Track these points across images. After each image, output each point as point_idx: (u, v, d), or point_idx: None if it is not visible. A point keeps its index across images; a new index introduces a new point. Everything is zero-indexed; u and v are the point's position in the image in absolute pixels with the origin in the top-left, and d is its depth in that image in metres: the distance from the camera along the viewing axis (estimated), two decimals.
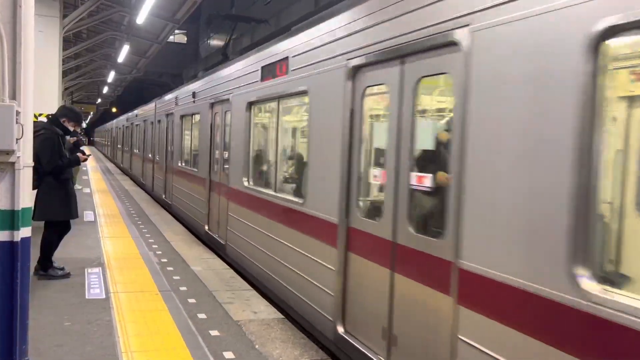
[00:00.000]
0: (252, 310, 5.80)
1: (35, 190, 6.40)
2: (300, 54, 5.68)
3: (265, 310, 5.81)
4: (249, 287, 6.78)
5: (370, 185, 4.50)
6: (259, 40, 23.30)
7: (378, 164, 4.38)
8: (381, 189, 4.21)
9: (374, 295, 4.16)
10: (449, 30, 3.32)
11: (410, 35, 3.70)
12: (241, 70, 7.91)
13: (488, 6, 3.01)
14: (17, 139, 3.30)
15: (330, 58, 4.92)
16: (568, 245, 2.45)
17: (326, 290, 4.87)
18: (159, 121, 15.46)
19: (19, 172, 3.39)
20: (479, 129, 3.05)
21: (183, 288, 6.43)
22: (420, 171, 3.71)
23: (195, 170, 10.56)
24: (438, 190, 3.53)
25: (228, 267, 7.76)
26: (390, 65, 4.00)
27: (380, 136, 4.32)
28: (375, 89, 4.40)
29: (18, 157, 3.36)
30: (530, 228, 2.66)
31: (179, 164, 12.26)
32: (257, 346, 4.78)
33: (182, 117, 12.11)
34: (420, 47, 3.60)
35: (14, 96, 3.34)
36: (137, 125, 21.27)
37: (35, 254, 6.23)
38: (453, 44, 3.29)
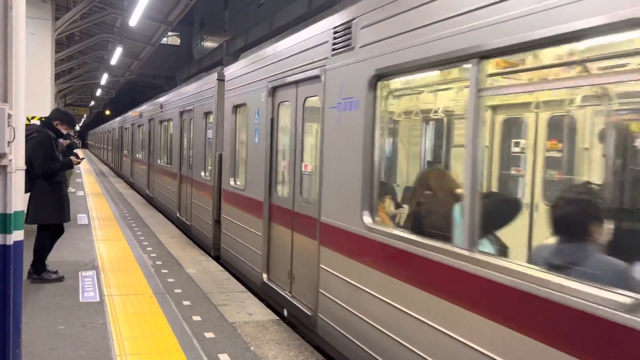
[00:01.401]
0: (246, 312, 5.79)
1: (28, 194, 6.38)
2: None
3: (260, 312, 5.81)
4: (243, 289, 6.77)
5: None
6: (254, 41, 23.27)
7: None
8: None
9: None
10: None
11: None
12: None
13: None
14: (8, 142, 3.28)
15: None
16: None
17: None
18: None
19: (11, 175, 3.36)
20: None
21: (177, 290, 6.41)
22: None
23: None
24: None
25: (222, 269, 7.74)
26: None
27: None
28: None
29: (10, 160, 3.34)
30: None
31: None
32: (252, 348, 4.78)
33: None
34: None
35: (5, 99, 3.31)
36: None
37: (28, 258, 6.21)
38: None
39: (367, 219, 4.19)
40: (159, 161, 14.39)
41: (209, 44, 36.92)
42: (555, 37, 2.62)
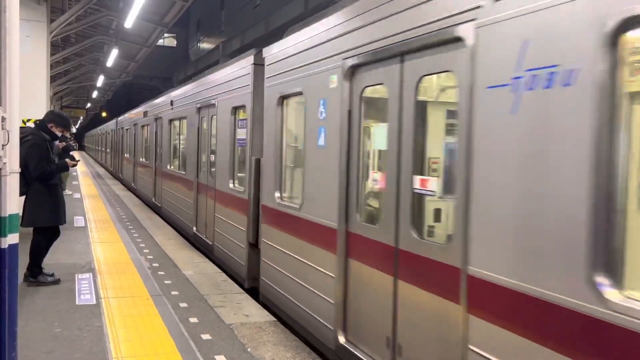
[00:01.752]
0: (243, 313, 5.79)
1: (24, 197, 6.36)
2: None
3: (257, 313, 5.80)
4: (240, 290, 6.76)
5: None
6: (250, 42, 23.27)
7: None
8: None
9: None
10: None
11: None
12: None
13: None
14: (2, 145, 3.27)
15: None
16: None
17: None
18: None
19: (5, 178, 3.36)
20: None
21: (174, 292, 6.40)
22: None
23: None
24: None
25: (219, 270, 7.73)
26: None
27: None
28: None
29: (4, 163, 3.34)
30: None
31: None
32: (249, 349, 4.77)
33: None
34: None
35: None
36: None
37: (24, 261, 6.20)
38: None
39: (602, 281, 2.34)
40: (168, 166, 12.61)
41: (206, 45, 36.89)
42: None
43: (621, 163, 2.35)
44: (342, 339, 4.52)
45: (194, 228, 10.01)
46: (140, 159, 17.33)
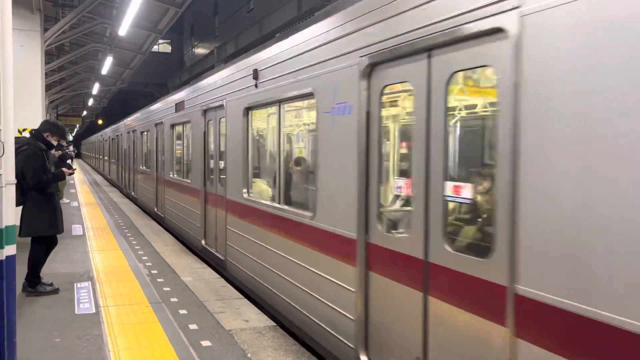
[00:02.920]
0: (243, 319, 5.79)
1: (21, 207, 6.36)
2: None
3: (256, 319, 5.80)
4: (239, 295, 6.76)
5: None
6: (245, 46, 23.29)
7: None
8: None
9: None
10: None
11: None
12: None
13: None
14: None
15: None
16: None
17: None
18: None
19: (1, 190, 3.37)
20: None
21: (174, 299, 6.39)
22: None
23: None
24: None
25: (219, 276, 7.73)
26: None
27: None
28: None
29: (0, 174, 3.34)
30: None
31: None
32: (249, 355, 4.77)
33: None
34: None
35: None
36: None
37: (22, 271, 6.19)
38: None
39: None
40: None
41: (200, 50, 36.92)
42: None
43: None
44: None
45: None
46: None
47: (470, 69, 3.27)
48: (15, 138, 6.58)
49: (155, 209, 13.60)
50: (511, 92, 2.77)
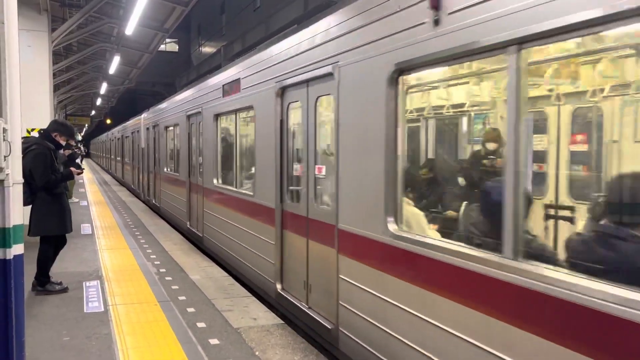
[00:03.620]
0: (251, 316, 5.78)
1: (30, 206, 6.39)
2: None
3: (264, 316, 5.80)
4: (247, 293, 6.76)
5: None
6: (251, 45, 23.29)
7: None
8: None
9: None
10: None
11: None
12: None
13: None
14: (5, 157, 3.28)
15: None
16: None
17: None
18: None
19: (9, 189, 3.37)
20: None
21: (182, 297, 6.41)
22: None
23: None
24: None
25: (226, 274, 7.74)
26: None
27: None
28: None
29: (7, 174, 3.35)
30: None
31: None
32: (257, 353, 4.77)
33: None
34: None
35: (0, 114, 3.32)
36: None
37: (31, 270, 6.22)
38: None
39: None
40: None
41: (207, 49, 36.97)
42: None
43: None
44: None
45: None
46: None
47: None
48: (24, 138, 6.64)
49: (189, 224, 10.95)
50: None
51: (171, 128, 13.02)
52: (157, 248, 9.50)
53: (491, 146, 4.54)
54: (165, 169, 13.64)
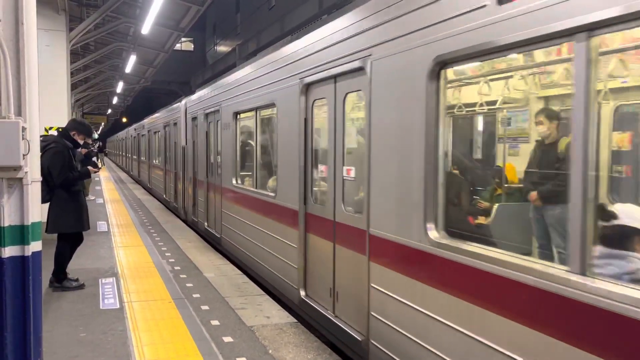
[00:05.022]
0: (264, 315, 5.81)
1: (47, 204, 6.49)
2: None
3: (278, 315, 5.82)
4: (261, 292, 6.79)
5: None
6: (266, 44, 23.35)
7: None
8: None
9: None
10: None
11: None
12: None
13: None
14: (23, 155, 3.34)
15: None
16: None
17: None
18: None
19: (27, 187, 3.43)
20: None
21: (196, 295, 6.46)
22: None
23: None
24: None
25: (240, 272, 7.78)
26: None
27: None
28: None
29: (26, 172, 3.41)
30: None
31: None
32: (270, 351, 4.80)
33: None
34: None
35: (19, 112, 3.38)
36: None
37: (49, 267, 6.31)
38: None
39: None
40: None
41: (222, 48, 37.13)
42: None
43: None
44: None
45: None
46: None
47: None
48: (43, 136, 6.72)
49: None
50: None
51: (248, 116, 8.18)
52: (171, 246, 9.59)
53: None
54: (234, 181, 8.63)
